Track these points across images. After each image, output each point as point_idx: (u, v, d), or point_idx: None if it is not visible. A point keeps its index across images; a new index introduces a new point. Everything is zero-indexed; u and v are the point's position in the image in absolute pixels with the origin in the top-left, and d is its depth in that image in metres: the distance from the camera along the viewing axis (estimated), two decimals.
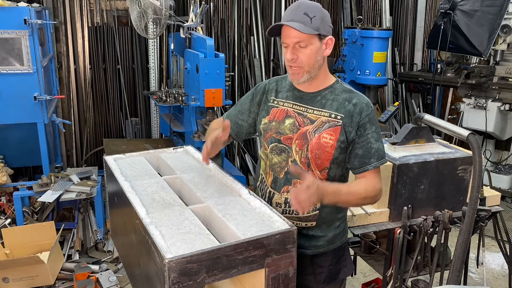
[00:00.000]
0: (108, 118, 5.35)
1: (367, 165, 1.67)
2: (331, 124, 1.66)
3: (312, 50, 1.61)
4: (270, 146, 1.77)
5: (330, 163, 1.68)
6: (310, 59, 1.62)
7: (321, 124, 1.68)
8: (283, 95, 1.79)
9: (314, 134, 1.67)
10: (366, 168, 1.67)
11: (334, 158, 1.67)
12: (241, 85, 5.74)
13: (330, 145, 1.66)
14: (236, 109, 1.94)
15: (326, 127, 1.67)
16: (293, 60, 1.62)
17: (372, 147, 1.66)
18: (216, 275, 1.33)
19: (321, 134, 1.66)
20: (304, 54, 1.61)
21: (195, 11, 4.03)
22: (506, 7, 4.56)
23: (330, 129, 1.66)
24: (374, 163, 1.66)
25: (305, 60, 1.62)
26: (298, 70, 1.64)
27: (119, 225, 2.04)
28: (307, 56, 1.62)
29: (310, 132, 1.68)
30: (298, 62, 1.63)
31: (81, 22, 5.04)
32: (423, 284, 2.45)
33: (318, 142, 1.66)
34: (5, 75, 3.69)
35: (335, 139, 1.65)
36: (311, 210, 1.72)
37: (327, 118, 1.67)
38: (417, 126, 2.44)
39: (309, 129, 1.69)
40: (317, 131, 1.67)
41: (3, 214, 3.92)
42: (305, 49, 1.61)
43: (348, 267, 1.88)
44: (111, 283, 3.22)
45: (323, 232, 1.77)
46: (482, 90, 4.82)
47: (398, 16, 6.43)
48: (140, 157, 2.17)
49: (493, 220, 2.53)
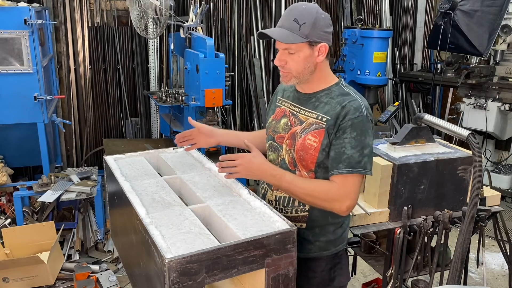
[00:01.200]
0: (108, 118, 5.36)
1: (334, 169, 1.58)
2: (317, 126, 1.64)
3: (300, 57, 1.60)
4: (268, 144, 1.83)
5: (316, 166, 1.65)
6: (298, 66, 1.61)
7: (308, 126, 1.66)
8: (286, 95, 1.82)
9: (301, 135, 1.67)
10: (333, 172, 1.59)
11: (320, 161, 1.63)
12: (241, 85, 5.74)
13: (314, 147, 1.63)
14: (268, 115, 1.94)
15: (312, 129, 1.65)
16: (281, 66, 1.64)
17: (344, 153, 1.57)
18: (216, 275, 1.33)
19: (306, 136, 1.65)
20: (292, 60, 1.61)
21: (195, 11, 4.03)
22: (506, 7, 4.56)
23: (315, 131, 1.64)
24: (340, 169, 1.57)
25: (293, 66, 1.62)
26: (287, 74, 1.65)
27: (119, 225, 2.04)
28: (295, 62, 1.61)
29: (298, 132, 1.68)
30: (286, 68, 1.64)
31: (81, 22, 5.04)
32: (423, 284, 2.45)
33: (302, 144, 1.65)
34: (5, 75, 3.69)
35: (319, 142, 1.62)
36: (300, 211, 1.71)
37: (315, 120, 1.65)
38: (417, 126, 2.44)
39: (297, 129, 1.69)
40: (304, 132, 1.66)
41: (3, 214, 3.92)
42: (293, 56, 1.60)
43: (344, 276, 1.82)
44: (111, 283, 3.22)
45: (314, 237, 1.73)
46: (482, 90, 4.82)
47: (398, 16, 6.43)
48: (140, 157, 2.17)
49: (493, 220, 2.53)
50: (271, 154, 1.80)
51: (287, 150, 1.71)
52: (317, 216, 1.71)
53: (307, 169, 1.67)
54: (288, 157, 1.71)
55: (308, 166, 1.66)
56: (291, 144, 1.70)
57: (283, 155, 1.73)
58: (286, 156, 1.72)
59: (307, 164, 1.66)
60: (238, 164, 1.62)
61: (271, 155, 1.80)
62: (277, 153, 1.77)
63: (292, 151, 1.69)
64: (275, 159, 1.78)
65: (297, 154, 1.67)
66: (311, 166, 1.66)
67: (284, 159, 1.72)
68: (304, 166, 1.67)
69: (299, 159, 1.67)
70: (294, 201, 1.72)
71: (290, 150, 1.70)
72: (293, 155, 1.68)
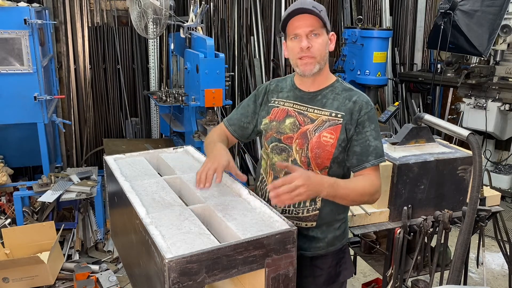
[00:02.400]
0: (108, 118, 5.36)
1: (365, 162, 1.65)
2: (331, 123, 1.66)
3: (323, 40, 1.63)
4: (270, 146, 1.78)
5: (331, 162, 1.67)
6: (322, 49, 1.63)
7: (321, 123, 1.67)
8: (284, 95, 1.80)
9: (315, 133, 1.67)
10: (364, 166, 1.65)
11: (335, 157, 1.67)
12: (241, 85, 5.74)
13: (330, 144, 1.65)
14: (238, 112, 1.93)
15: (326, 126, 1.66)
16: (308, 49, 1.61)
17: (370, 145, 1.65)
18: (216, 275, 1.33)
19: (322, 133, 1.66)
20: (317, 43, 1.61)
21: (195, 11, 4.03)
22: (506, 7, 4.56)
23: (330, 128, 1.66)
24: (372, 161, 1.65)
25: (318, 49, 1.62)
26: (311, 60, 1.63)
27: (119, 225, 2.04)
28: (319, 45, 1.62)
29: (311, 131, 1.68)
30: (312, 51, 1.61)
31: (81, 22, 5.04)
32: (423, 284, 2.45)
33: (318, 141, 1.66)
34: (5, 75, 3.69)
35: (336, 137, 1.65)
36: (311, 210, 1.71)
37: (328, 117, 1.67)
38: (417, 126, 2.44)
39: (309, 128, 1.69)
40: (318, 130, 1.67)
41: (3, 214, 3.92)
42: (318, 39, 1.61)
43: (348, 270, 1.86)
44: (111, 283, 3.22)
45: (323, 234, 1.75)
46: (482, 90, 4.82)
47: (398, 16, 6.43)
48: (140, 157, 2.17)
49: (493, 220, 2.53)
50: (274, 157, 1.76)
51: (297, 150, 1.70)
52: (326, 214, 1.73)
53: (321, 167, 1.68)
54: (300, 157, 1.69)
55: (324, 163, 1.67)
56: (302, 143, 1.69)
57: (294, 156, 1.71)
58: (297, 156, 1.70)
59: (323, 161, 1.67)
60: (299, 185, 1.44)
61: (275, 157, 1.75)
62: (285, 154, 1.73)
63: (305, 150, 1.68)
64: (282, 160, 1.73)
65: (311, 152, 1.67)
66: (326, 163, 1.67)
67: (296, 159, 1.71)
68: (318, 164, 1.67)
69: (315, 157, 1.67)
70: (305, 201, 1.71)
71: (301, 150, 1.69)
72: (307, 153, 1.67)
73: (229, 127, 1.94)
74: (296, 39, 1.62)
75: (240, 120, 1.92)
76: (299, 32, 1.61)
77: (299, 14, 1.60)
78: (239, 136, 1.94)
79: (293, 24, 1.61)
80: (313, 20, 1.59)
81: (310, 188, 1.46)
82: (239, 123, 1.92)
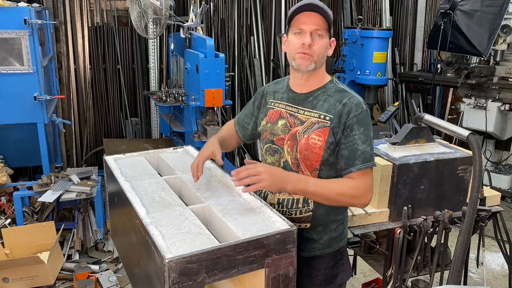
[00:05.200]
0: (108, 118, 5.36)
1: (351, 166, 1.62)
2: (320, 125, 1.65)
3: (325, 42, 1.64)
4: (265, 147, 1.80)
5: (320, 164, 1.66)
6: (321, 51, 1.63)
7: (310, 125, 1.67)
8: (279, 96, 1.81)
9: (303, 135, 1.67)
10: (350, 170, 1.62)
11: (324, 159, 1.65)
12: (241, 85, 5.75)
13: (318, 146, 1.64)
14: (243, 112, 2.00)
15: (315, 128, 1.66)
16: (310, 46, 1.61)
17: (358, 149, 1.62)
18: (216, 275, 1.33)
19: (310, 135, 1.65)
20: (318, 44, 1.62)
21: (195, 11, 4.03)
22: (506, 7, 4.56)
23: (318, 130, 1.65)
24: (358, 166, 1.61)
25: (318, 49, 1.62)
26: (308, 57, 1.63)
27: (119, 225, 2.04)
28: (320, 46, 1.62)
29: (300, 132, 1.68)
30: (312, 49, 1.62)
31: (81, 22, 5.04)
32: (423, 284, 2.45)
33: (306, 143, 1.66)
34: (5, 75, 3.69)
35: (324, 140, 1.64)
36: (304, 211, 1.71)
37: (317, 119, 1.66)
38: (417, 126, 2.44)
39: (298, 129, 1.69)
40: (306, 132, 1.67)
41: (3, 214, 3.92)
42: (320, 40, 1.62)
43: (346, 272, 1.84)
44: (111, 283, 3.22)
45: (318, 235, 1.74)
46: (482, 90, 4.82)
47: (398, 16, 6.43)
48: (140, 157, 2.17)
49: (493, 220, 2.53)
50: (268, 158, 1.78)
51: (289, 152, 1.71)
52: (320, 214, 1.72)
53: (311, 169, 1.67)
54: (291, 158, 1.70)
55: (313, 165, 1.66)
56: (292, 145, 1.69)
57: (285, 157, 1.72)
58: (288, 158, 1.71)
59: (312, 163, 1.66)
60: (260, 172, 1.54)
61: (269, 158, 1.78)
62: (278, 156, 1.74)
63: (294, 152, 1.68)
64: (274, 162, 1.75)
65: (300, 154, 1.67)
66: (316, 165, 1.66)
67: (287, 160, 1.71)
68: (307, 166, 1.67)
69: (303, 159, 1.67)
70: (297, 202, 1.71)
71: (292, 151, 1.69)
72: (296, 155, 1.68)
73: (236, 125, 2.02)
74: (299, 34, 1.62)
75: (243, 120, 1.98)
76: (305, 28, 1.61)
77: (309, 11, 1.60)
78: (242, 135, 2.00)
79: (301, 19, 1.61)
80: (321, 21, 1.60)
81: (272, 176, 1.55)
82: (242, 122, 1.99)
